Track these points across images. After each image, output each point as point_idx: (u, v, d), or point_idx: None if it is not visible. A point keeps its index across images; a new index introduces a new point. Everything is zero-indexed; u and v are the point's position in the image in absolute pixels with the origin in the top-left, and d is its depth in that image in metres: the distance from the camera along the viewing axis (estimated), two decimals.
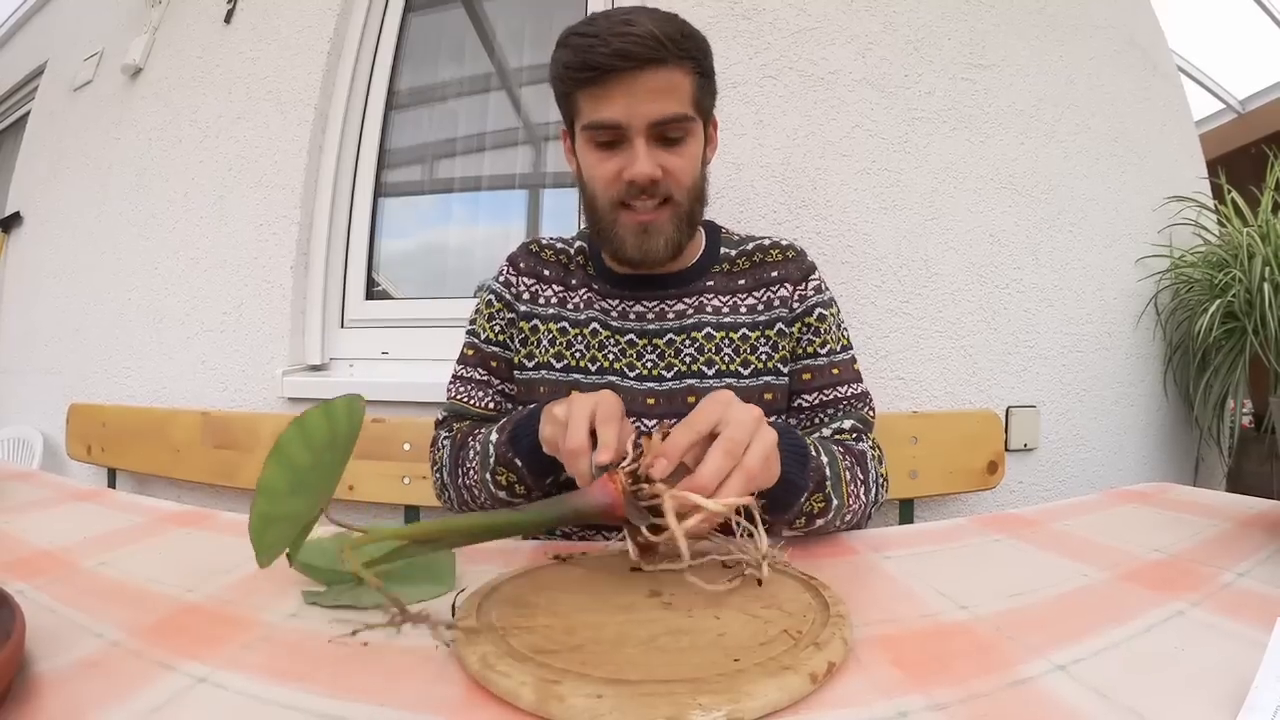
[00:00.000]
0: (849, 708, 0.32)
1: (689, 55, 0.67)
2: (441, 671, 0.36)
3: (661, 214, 0.70)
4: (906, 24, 1.34)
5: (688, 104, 0.68)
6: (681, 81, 0.67)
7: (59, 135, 2.07)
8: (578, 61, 0.66)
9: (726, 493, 0.43)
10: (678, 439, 0.45)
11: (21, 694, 0.33)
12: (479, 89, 1.64)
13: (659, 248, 0.71)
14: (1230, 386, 1.42)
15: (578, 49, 0.66)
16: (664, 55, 0.64)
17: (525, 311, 0.79)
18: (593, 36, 0.65)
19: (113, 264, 1.76)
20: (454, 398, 0.80)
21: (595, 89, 0.66)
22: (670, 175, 0.69)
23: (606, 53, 0.64)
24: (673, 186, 0.70)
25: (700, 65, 0.69)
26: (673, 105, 0.67)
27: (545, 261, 0.82)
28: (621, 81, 0.65)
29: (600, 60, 0.64)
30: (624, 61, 0.64)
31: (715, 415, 0.46)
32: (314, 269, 1.51)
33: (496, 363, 0.80)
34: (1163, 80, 1.60)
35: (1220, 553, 0.52)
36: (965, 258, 1.33)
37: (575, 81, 0.68)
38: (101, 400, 1.66)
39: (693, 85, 0.68)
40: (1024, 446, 1.33)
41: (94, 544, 0.58)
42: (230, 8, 1.67)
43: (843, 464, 0.63)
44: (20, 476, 0.85)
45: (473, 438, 0.71)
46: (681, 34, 0.67)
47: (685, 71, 0.67)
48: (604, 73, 0.65)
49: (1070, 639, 0.38)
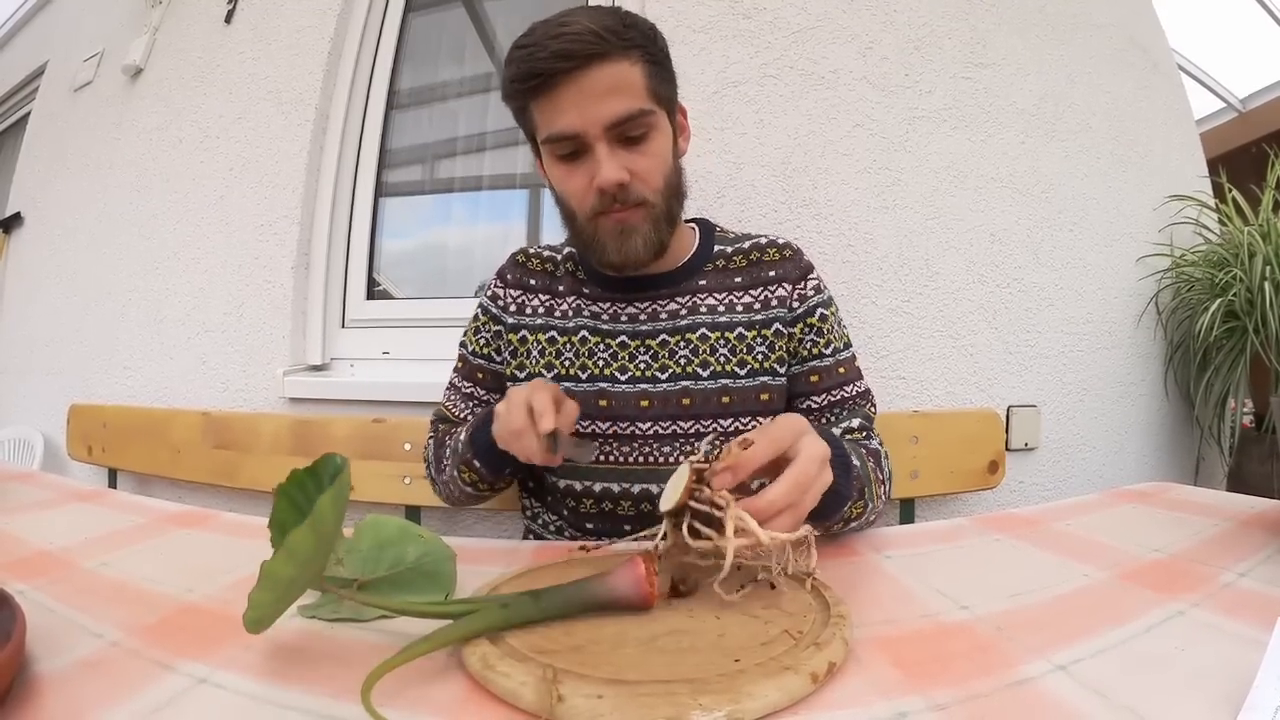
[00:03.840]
0: (849, 708, 0.32)
1: (633, 44, 0.65)
2: (441, 671, 0.36)
3: (636, 214, 0.68)
4: (907, 23, 1.33)
5: (643, 97, 0.66)
6: (630, 73, 0.65)
7: (59, 135, 2.07)
8: (521, 72, 0.64)
9: (778, 526, 0.43)
10: (754, 458, 0.45)
11: (21, 694, 0.33)
12: (479, 89, 1.64)
13: (638, 248, 0.69)
14: (1231, 386, 1.42)
15: (519, 60, 0.64)
16: (605, 49, 0.62)
17: (513, 323, 0.80)
18: (531, 45, 0.64)
19: (113, 264, 1.76)
20: (443, 404, 0.85)
21: (544, 98, 0.65)
22: (638, 177, 0.67)
23: (545, 56, 0.62)
24: (643, 189, 0.67)
25: (649, 53, 0.66)
26: (626, 102, 0.64)
27: (531, 271, 0.82)
28: (569, 85, 0.63)
29: (542, 66, 0.63)
30: (565, 62, 0.62)
31: (790, 442, 0.47)
32: (314, 269, 1.51)
33: (483, 374, 0.83)
34: (1163, 79, 1.60)
35: (1220, 553, 0.52)
36: (966, 257, 1.33)
37: (524, 93, 0.66)
38: (101, 400, 1.67)
39: (644, 75, 0.66)
40: (1025, 446, 1.33)
41: (94, 544, 0.58)
42: (230, 8, 1.67)
43: (869, 466, 0.64)
44: (21, 477, 0.85)
45: (450, 437, 0.78)
46: (623, 24, 0.64)
47: (633, 61, 0.65)
48: (549, 78, 0.63)
49: (1070, 639, 0.38)
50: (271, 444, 1.32)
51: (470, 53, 1.65)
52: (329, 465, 0.41)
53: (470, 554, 0.51)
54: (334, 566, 0.44)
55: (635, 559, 0.42)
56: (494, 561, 0.54)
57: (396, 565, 0.47)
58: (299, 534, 0.33)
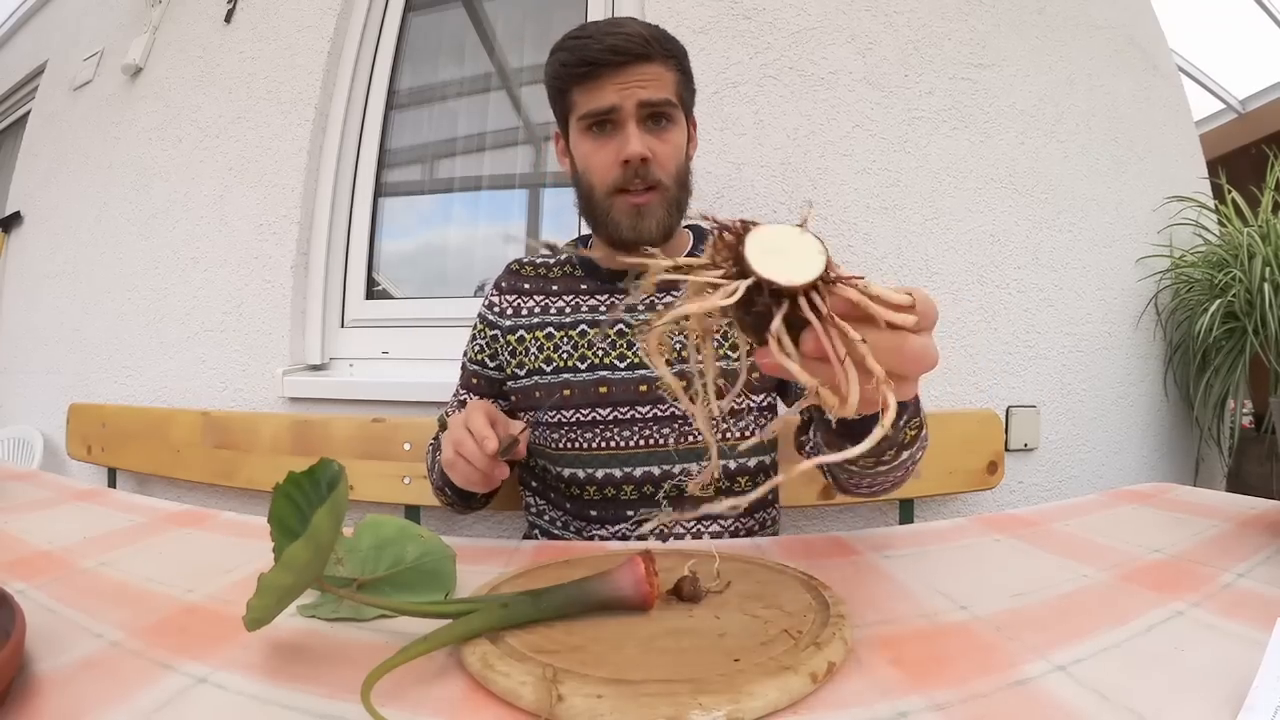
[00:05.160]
0: (849, 708, 0.32)
1: (672, 55, 0.76)
2: (441, 671, 0.36)
3: (652, 197, 0.76)
4: (906, 24, 1.33)
5: (672, 94, 0.76)
6: (666, 75, 0.75)
7: (59, 135, 2.07)
8: (574, 59, 0.74)
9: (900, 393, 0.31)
10: (890, 295, 0.31)
11: (21, 694, 0.33)
12: (479, 89, 1.64)
13: (651, 229, 0.76)
14: (1230, 386, 1.42)
15: (573, 49, 0.74)
16: (651, 52, 0.73)
17: (510, 325, 0.84)
18: (587, 38, 0.73)
19: (113, 264, 1.76)
20: (444, 412, 0.88)
21: (589, 83, 0.74)
22: (657, 160, 0.75)
23: (600, 49, 0.72)
24: (659, 172, 0.75)
25: (681, 65, 0.78)
26: (659, 91, 0.75)
27: (525, 278, 0.87)
28: (613, 74, 0.73)
29: (594, 55, 0.72)
30: (616, 56, 0.72)
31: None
32: (314, 269, 1.51)
33: (477, 380, 0.86)
34: (1163, 80, 1.60)
35: (1220, 553, 0.52)
36: (965, 258, 1.33)
37: (571, 77, 0.75)
38: (101, 400, 1.66)
39: (676, 80, 0.77)
40: (1024, 446, 1.33)
41: (94, 544, 0.58)
42: (230, 7, 1.67)
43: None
44: (20, 476, 0.85)
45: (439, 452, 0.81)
46: (665, 37, 0.76)
47: (669, 68, 0.76)
48: (598, 67, 0.72)
49: (1070, 639, 0.38)
50: (271, 444, 1.32)
51: (470, 53, 1.65)
52: (326, 471, 0.41)
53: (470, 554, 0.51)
54: (334, 566, 0.44)
55: (635, 559, 0.42)
56: (494, 561, 0.54)
57: (396, 565, 0.47)
58: (297, 548, 0.33)
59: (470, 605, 0.39)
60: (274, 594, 0.35)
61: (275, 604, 0.36)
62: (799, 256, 0.30)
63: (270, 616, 0.37)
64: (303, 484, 0.41)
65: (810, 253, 0.30)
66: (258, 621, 0.36)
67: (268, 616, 0.37)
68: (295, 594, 0.38)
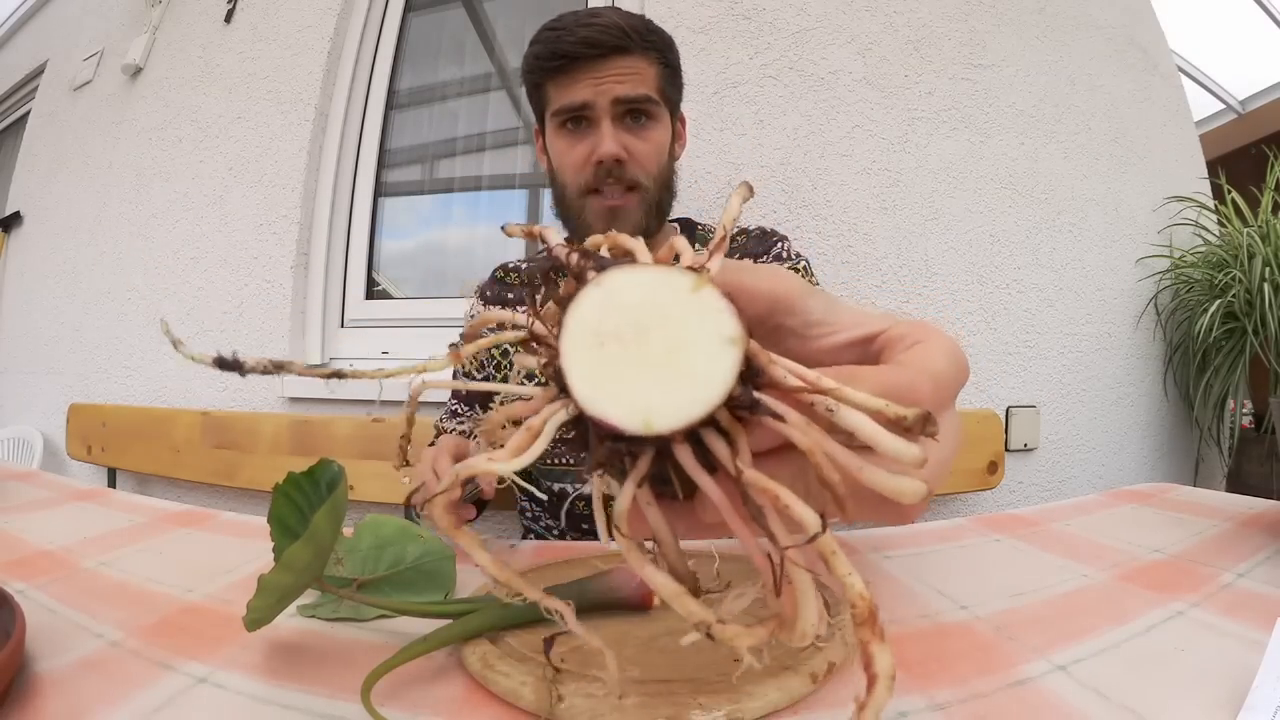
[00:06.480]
0: (849, 708, 0.32)
1: (653, 47, 0.70)
2: (441, 671, 0.36)
3: (629, 199, 0.71)
4: (906, 24, 1.33)
5: (653, 89, 0.71)
6: (646, 69, 0.70)
7: (59, 135, 2.07)
8: (547, 51, 0.69)
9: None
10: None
11: (21, 694, 0.33)
12: (479, 89, 1.64)
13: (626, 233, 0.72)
14: (1230, 387, 1.42)
15: (547, 41, 0.69)
16: (628, 44, 0.68)
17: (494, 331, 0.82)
18: (560, 29, 0.69)
19: (113, 264, 1.76)
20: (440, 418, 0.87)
21: (563, 77, 0.69)
22: (635, 159, 0.70)
23: (573, 41, 0.67)
24: (638, 172, 0.71)
25: (665, 58, 0.72)
26: (636, 87, 0.69)
27: (510, 286, 0.85)
28: (588, 68, 0.68)
29: (567, 48, 0.68)
30: (590, 49, 0.67)
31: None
32: (314, 269, 1.51)
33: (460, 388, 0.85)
34: (1162, 80, 1.60)
35: (1220, 553, 0.52)
36: (965, 258, 1.33)
37: (544, 71, 0.71)
38: (101, 400, 1.66)
39: (658, 75, 0.71)
40: (1024, 446, 1.33)
41: (94, 544, 0.58)
42: (230, 7, 1.67)
43: None
44: (20, 476, 0.85)
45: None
46: (647, 28, 0.70)
47: (650, 61, 0.70)
48: (571, 60, 0.68)
49: (1070, 639, 0.38)
50: (271, 444, 1.32)
51: (470, 53, 1.65)
52: (326, 471, 0.41)
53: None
54: (334, 566, 0.44)
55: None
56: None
57: (396, 565, 0.47)
58: (297, 548, 0.33)
59: (470, 605, 0.39)
60: (274, 594, 0.35)
61: (275, 604, 0.36)
62: (684, 341, 0.15)
63: (270, 617, 0.37)
64: (303, 484, 0.41)
65: (706, 332, 0.15)
66: (258, 622, 0.36)
67: (268, 616, 0.37)
68: (295, 594, 0.38)
